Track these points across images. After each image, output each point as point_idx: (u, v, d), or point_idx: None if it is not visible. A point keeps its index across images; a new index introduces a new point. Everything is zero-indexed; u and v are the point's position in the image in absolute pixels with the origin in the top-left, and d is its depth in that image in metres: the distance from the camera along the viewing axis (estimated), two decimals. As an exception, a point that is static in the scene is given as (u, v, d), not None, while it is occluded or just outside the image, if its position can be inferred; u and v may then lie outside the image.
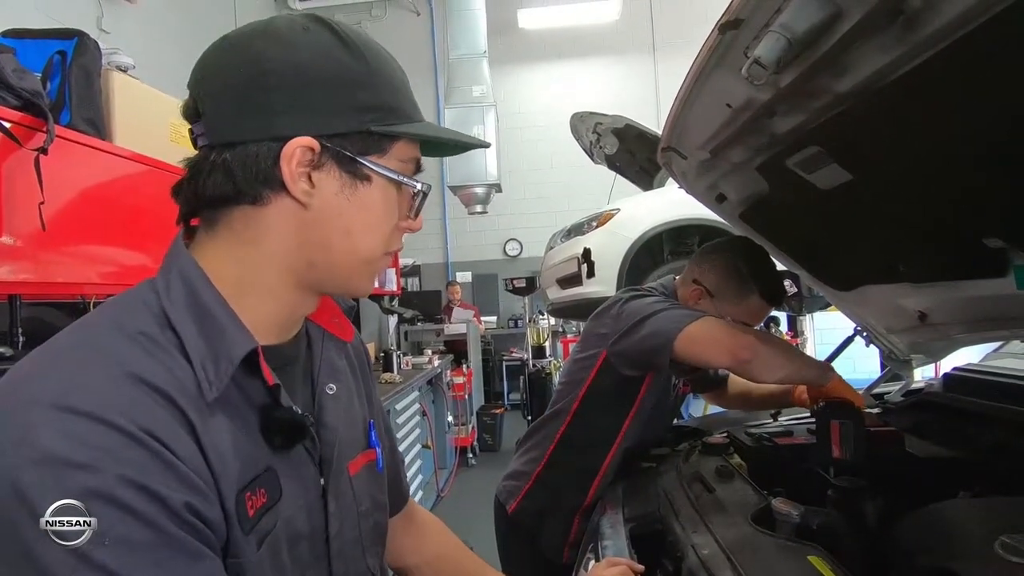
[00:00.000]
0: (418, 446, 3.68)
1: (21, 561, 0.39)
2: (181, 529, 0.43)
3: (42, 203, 1.33)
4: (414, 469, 3.53)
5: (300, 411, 0.54)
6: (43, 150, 1.30)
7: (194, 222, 0.56)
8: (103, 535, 0.40)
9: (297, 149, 0.50)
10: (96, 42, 1.58)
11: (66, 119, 1.48)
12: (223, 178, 0.51)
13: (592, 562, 0.95)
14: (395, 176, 0.54)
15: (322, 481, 0.58)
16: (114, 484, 0.41)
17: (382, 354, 3.69)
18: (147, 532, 0.41)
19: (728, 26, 0.72)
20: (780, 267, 1.44)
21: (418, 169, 0.58)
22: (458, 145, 0.61)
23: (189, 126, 0.53)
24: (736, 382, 1.63)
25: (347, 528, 0.60)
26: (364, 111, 0.52)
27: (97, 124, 1.56)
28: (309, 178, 0.51)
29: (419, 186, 0.57)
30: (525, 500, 1.38)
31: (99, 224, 1.57)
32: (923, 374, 1.66)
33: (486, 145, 0.65)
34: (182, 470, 0.44)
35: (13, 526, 0.39)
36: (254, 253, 0.53)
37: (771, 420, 1.49)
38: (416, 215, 0.59)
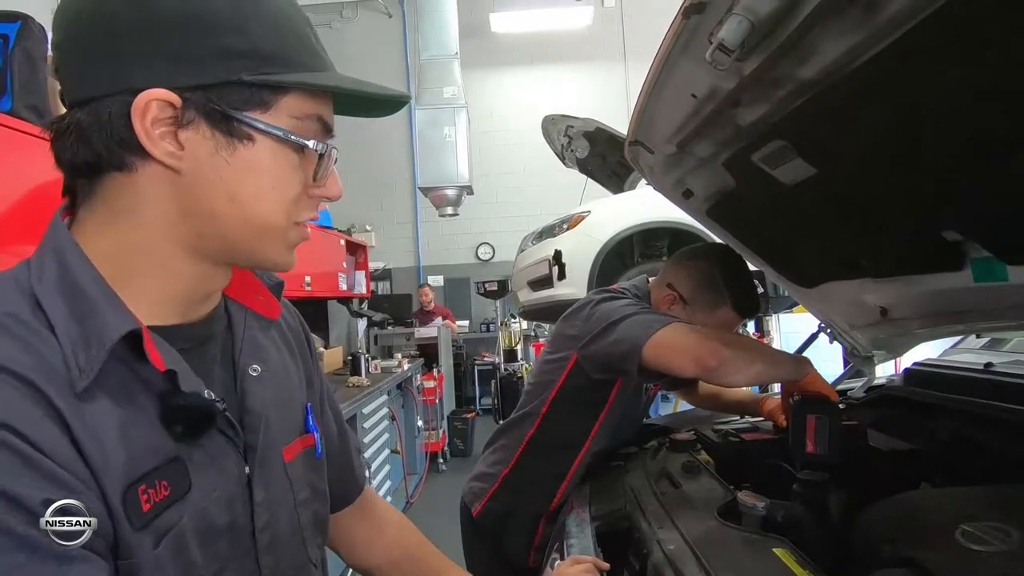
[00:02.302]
0: (387, 451, 3.61)
1: None
2: (41, 531, 0.38)
3: (-20, 193, 1.25)
4: (382, 475, 3.46)
5: (211, 396, 0.49)
6: (-21, 137, 1.23)
7: None
8: None
9: (153, 103, 0.43)
10: (42, 27, 1.50)
11: (7, 106, 1.40)
12: (79, 142, 0.44)
13: (558, 561, 0.92)
14: (280, 134, 0.47)
15: (247, 470, 0.53)
16: None
17: (350, 357, 3.62)
18: None
19: (692, 10, 0.71)
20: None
21: (327, 128, 0.51)
22: (374, 100, 0.52)
23: (58, 93, 0.48)
24: (724, 390, 1.62)
25: (282, 519, 0.56)
26: (235, 57, 0.45)
27: (42, 112, 1.48)
28: (175, 138, 0.45)
29: (311, 145, 0.48)
30: (491, 502, 1.35)
31: (45, 218, 1.49)
32: (883, 371, 1.68)
33: (406, 98, 0.54)
34: (46, 465, 0.39)
35: None
36: (133, 226, 0.47)
37: (738, 417, 1.49)
38: (319, 179, 0.51)
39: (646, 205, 3.25)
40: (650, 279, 1.42)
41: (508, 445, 1.37)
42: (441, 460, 4.91)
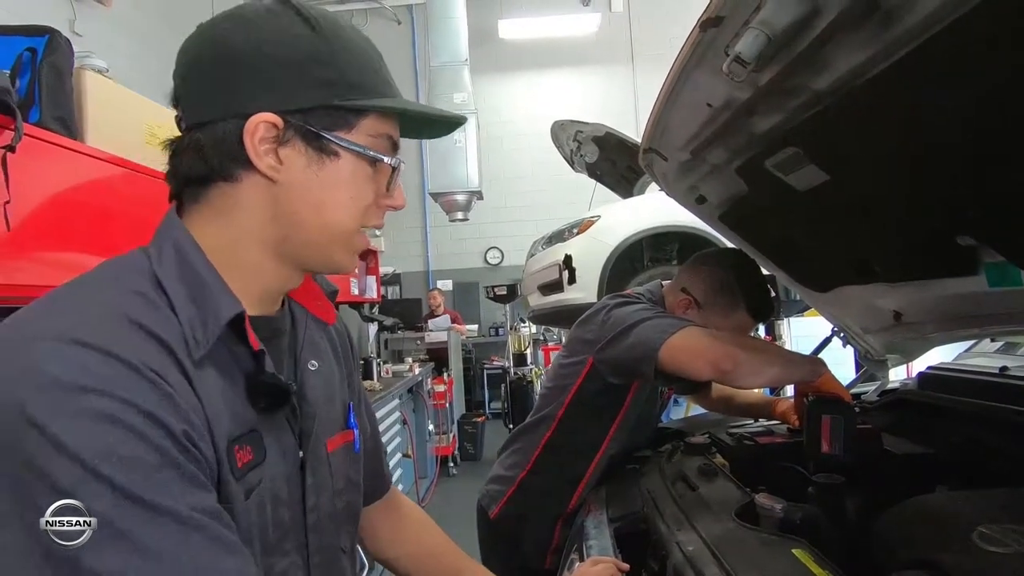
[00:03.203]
0: (398, 455, 3.63)
1: (25, 471, 0.40)
2: (183, 455, 0.45)
3: (8, 202, 1.28)
4: (394, 478, 3.47)
5: (284, 379, 0.56)
6: (11, 148, 1.26)
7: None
8: (110, 453, 0.41)
9: (261, 124, 0.52)
10: (68, 40, 1.54)
11: (35, 117, 1.43)
12: (195, 157, 0.53)
13: (577, 562, 0.94)
14: (361, 150, 0.55)
15: (301, 453, 0.59)
16: (119, 408, 0.42)
17: (362, 362, 3.65)
18: (153, 454, 0.43)
19: (709, 23, 0.73)
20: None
21: (395, 146, 0.59)
22: (434, 121, 0.62)
23: (174, 118, 0.56)
24: (719, 385, 1.64)
25: (323, 503, 0.61)
26: (326, 86, 0.53)
27: (68, 123, 1.52)
28: (276, 154, 0.53)
29: (387, 160, 0.57)
30: (507, 505, 1.37)
31: (68, 226, 1.52)
32: (896, 375, 1.69)
33: (462, 119, 0.64)
34: (179, 403, 0.46)
35: (20, 442, 0.40)
36: (232, 227, 0.55)
37: (752, 420, 1.50)
38: (391, 190, 0.60)
39: (656, 209, 3.26)
40: (664, 284, 1.43)
41: (525, 448, 1.39)
42: (451, 464, 4.92)
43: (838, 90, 0.74)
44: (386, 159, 0.57)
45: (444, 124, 0.63)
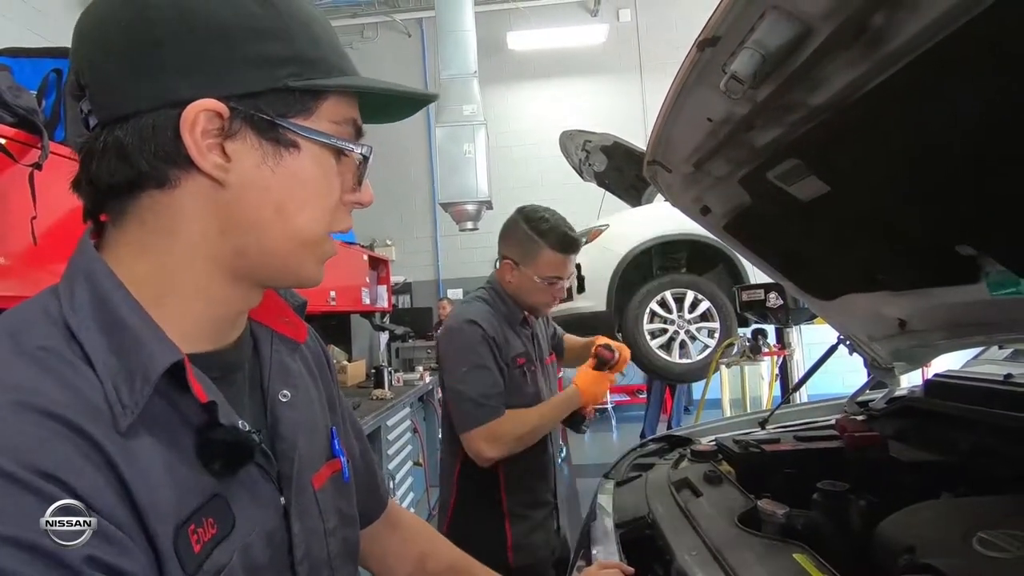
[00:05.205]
0: (409, 463, 3.65)
1: None
2: None
3: (34, 218, 1.34)
4: (405, 487, 3.51)
5: (247, 427, 0.47)
6: (38, 166, 1.32)
7: (104, 218, 0.48)
8: None
9: (200, 114, 0.42)
10: (91, 61, 1.60)
11: (61, 136, 1.49)
12: (118, 160, 0.43)
13: (584, 567, 0.95)
14: (326, 139, 0.47)
15: (282, 500, 0.51)
16: None
17: (373, 370, 3.69)
18: None
19: (706, 43, 0.76)
20: (765, 279, 1.48)
21: (359, 133, 0.50)
22: (402, 100, 0.52)
23: (80, 114, 0.45)
24: (568, 340, 1.83)
25: (314, 550, 0.53)
26: (278, 64, 0.44)
27: (91, 141, 1.57)
28: (222, 150, 0.44)
29: (357, 149, 0.49)
30: (450, 532, 1.43)
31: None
32: (908, 381, 1.68)
33: (433, 97, 0.54)
34: (83, 515, 0.36)
35: None
36: (170, 246, 0.45)
37: (759, 428, 1.51)
38: (360, 184, 0.51)
39: (664, 218, 3.28)
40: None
41: (445, 477, 1.53)
42: (462, 472, 4.93)
43: (834, 105, 0.77)
44: (355, 148, 0.49)
45: (408, 106, 0.53)
